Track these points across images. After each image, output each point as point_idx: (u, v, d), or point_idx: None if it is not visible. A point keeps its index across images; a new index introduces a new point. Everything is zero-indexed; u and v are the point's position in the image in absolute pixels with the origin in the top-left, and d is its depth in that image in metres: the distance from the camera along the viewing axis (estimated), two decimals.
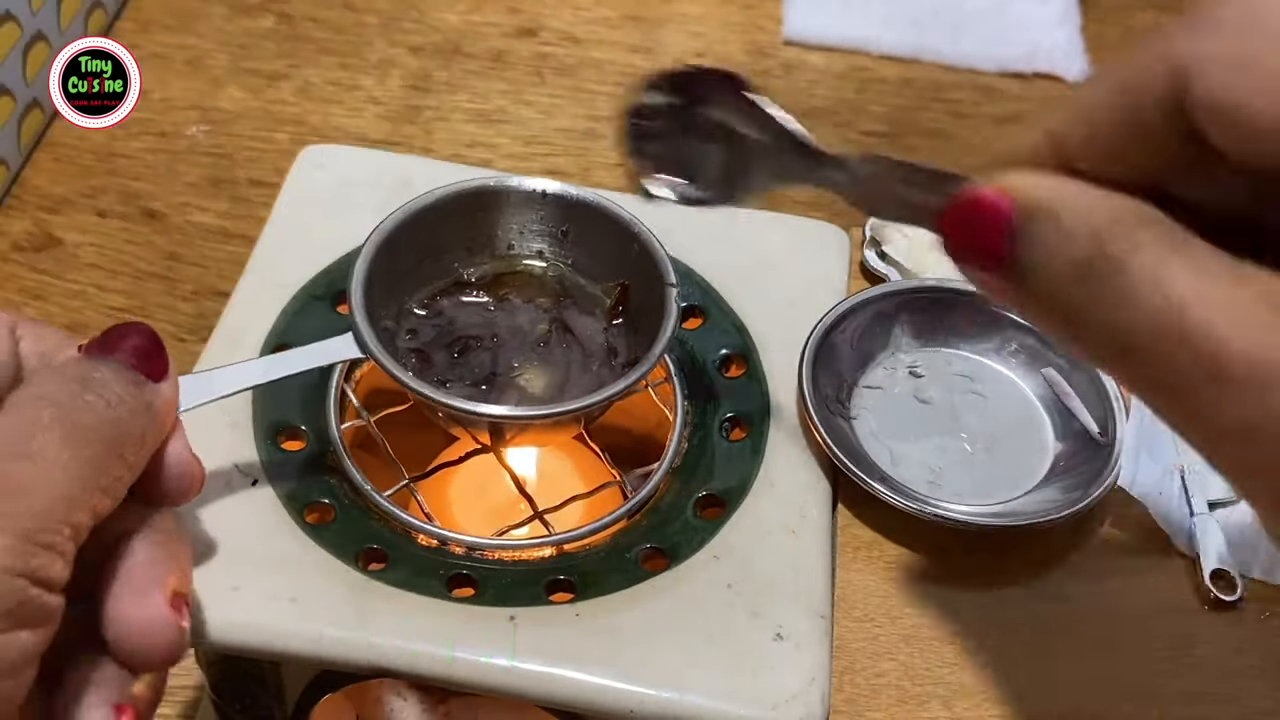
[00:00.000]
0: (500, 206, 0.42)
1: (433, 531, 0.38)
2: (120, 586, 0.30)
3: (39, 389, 0.29)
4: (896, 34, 0.81)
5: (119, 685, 0.30)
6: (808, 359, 0.42)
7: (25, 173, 0.69)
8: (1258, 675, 0.40)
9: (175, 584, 0.30)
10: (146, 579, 0.30)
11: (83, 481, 0.28)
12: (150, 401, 0.31)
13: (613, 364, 0.40)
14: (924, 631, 0.39)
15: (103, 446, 0.29)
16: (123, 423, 0.30)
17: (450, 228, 0.41)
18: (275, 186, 0.47)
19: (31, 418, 0.28)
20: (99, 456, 0.29)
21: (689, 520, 0.38)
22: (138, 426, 0.30)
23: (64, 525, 0.27)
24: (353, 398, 0.41)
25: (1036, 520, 0.40)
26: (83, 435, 0.28)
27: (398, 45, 0.78)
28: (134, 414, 0.30)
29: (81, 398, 0.29)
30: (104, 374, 0.30)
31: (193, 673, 0.52)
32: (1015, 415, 0.44)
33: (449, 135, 0.73)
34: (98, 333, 0.32)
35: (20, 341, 0.32)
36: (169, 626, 0.29)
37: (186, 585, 0.31)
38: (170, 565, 0.30)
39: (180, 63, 0.75)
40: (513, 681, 0.34)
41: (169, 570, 0.30)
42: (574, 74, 0.77)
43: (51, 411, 0.29)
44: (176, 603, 0.30)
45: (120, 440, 0.29)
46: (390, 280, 0.40)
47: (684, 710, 0.34)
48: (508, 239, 0.42)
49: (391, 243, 0.39)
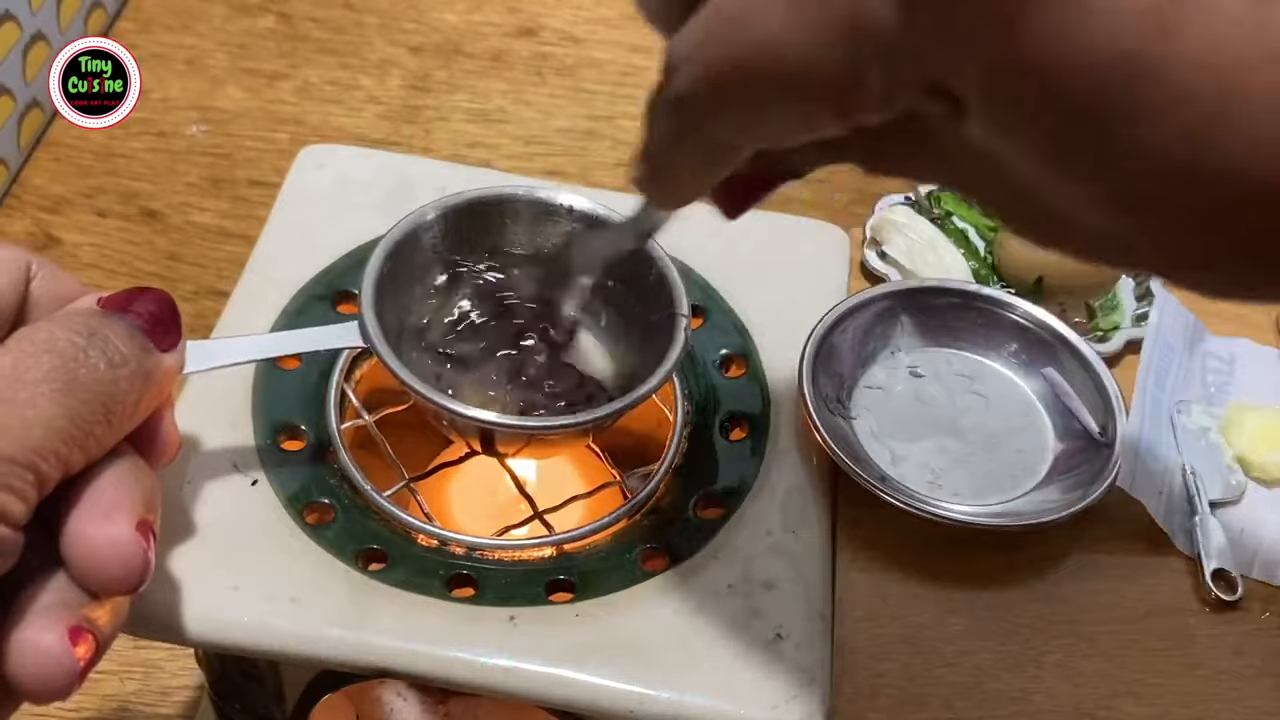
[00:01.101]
0: (525, 217, 0.41)
1: (433, 531, 0.38)
2: (85, 505, 0.29)
3: (46, 335, 0.29)
4: None
5: (76, 607, 0.28)
6: (808, 359, 0.42)
7: (25, 173, 0.69)
8: (1258, 675, 0.40)
9: (142, 511, 0.29)
10: (113, 500, 0.29)
11: (63, 436, 0.28)
12: (151, 371, 0.31)
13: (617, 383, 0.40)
14: (924, 631, 0.39)
15: (91, 405, 0.28)
16: (118, 385, 0.29)
17: (470, 232, 0.41)
18: (275, 186, 0.47)
19: (30, 364, 0.28)
20: (84, 413, 0.28)
21: (689, 520, 0.38)
22: (133, 392, 0.30)
23: (28, 471, 0.27)
24: (353, 398, 0.41)
25: (1036, 520, 0.40)
26: (75, 390, 0.28)
27: (397, 45, 0.78)
28: (131, 379, 0.30)
29: (84, 352, 0.29)
30: (115, 331, 0.30)
31: (193, 673, 0.52)
32: (1015, 415, 0.44)
33: (449, 135, 0.73)
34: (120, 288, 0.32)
35: (33, 280, 0.32)
36: (133, 547, 0.28)
37: (154, 516, 0.30)
38: (138, 494, 0.30)
39: (180, 62, 0.75)
40: (513, 681, 0.34)
41: (138, 497, 0.30)
42: (574, 74, 0.77)
43: (50, 360, 0.28)
44: (143, 528, 0.29)
45: (111, 402, 0.29)
46: (404, 279, 0.39)
47: (684, 710, 0.34)
48: (523, 249, 0.42)
49: (411, 240, 0.39)
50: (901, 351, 0.46)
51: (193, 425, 0.37)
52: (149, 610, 0.34)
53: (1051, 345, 0.44)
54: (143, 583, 0.29)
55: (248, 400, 0.40)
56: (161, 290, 0.32)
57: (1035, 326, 0.45)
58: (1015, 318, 0.45)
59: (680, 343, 0.38)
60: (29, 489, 0.27)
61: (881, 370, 0.45)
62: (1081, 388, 0.44)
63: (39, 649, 0.27)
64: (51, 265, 0.33)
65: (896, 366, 0.45)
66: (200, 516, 0.37)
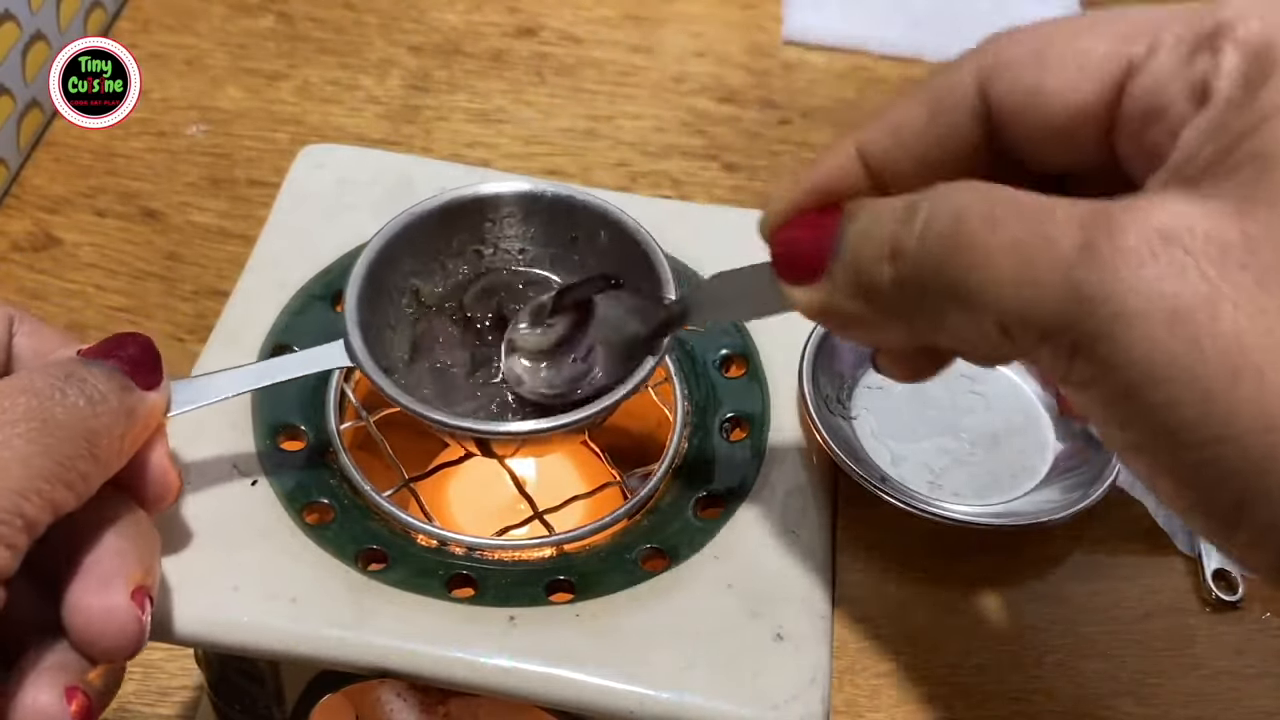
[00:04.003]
0: (497, 213, 0.42)
1: (432, 532, 0.38)
2: (84, 574, 0.30)
3: (24, 379, 0.29)
4: (896, 34, 0.81)
5: (75, 670, 0.30)
6: (808, 359, 0.42)
7: (25, 172, 0.69)
8: (1258, 675, 0.40)
9: (140, 577, 0.30)
10: (111, 569, 0.30)
11: (44, 475, 0.28)
12: (134, 407, 0.31)
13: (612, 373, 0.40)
14: (924, 631, 0.39)
15: (74, 442, 0.29)
16: (100, 420, 0.29)
17: (451, 234, 0.41)
18: (275, 186, 0.47)
19: (5, 405, 0.28)
20: (68, 451, 0.28)
21: (689, 520, 0.38)
22: (116, 427, 0.30)
23: (15, 517, 0.27)
24: (352, 398, 0.41)
25: (1036, 520, 0.40)
26: (54, 429, 0.28)
27: (397, 45, 0.78)
28: (114, 414, 0.30)
29: (62, 390, 0.29)
30: (93, 373, 0.30)
31: (193, 673, 0.52)
32: (1016, 416, 0.44)
33: (448, 135, 0.73)
34: (98, 333, 0.32)
35: (16, 335, 0.32)
36: (128, 617, 0.29)
37: (151, 580, 0.31)
38: (136, 558, 0.30)
39: (180, 62, 0.75)
40: (513, 681, 0.34)
41: (135, 563, 0.30)
42: (574, 74, 0.77)
43: (27, 400, 0.28)
44: (139, 596, 0.30)
45: (94, 438, 0.29)
46: (387, 289, 0.40)
47: (684, 710, 0.34)
48: (508, 246, 0.42)
49: (389, 251, 0.39)
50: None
51: (192, 426, 0.37)
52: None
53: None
54: (138, 650, 0.30)
55: (247, 400, 0.40)
56: (141, 334, 0.32)
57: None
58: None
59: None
60: (18, 535, 0.27)
61: None
62: None
63: (37, 708, 0.29)
64: (34, 319, 0.33)
65: None
66: (200, 517, 0.37)
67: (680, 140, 0.74)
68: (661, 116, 0.75)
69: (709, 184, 0.71)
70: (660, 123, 0.75)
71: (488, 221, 0.42)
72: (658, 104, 0.76)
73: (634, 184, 0.70)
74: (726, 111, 0.76)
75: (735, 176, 0.72)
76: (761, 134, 0.75)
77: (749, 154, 0.74)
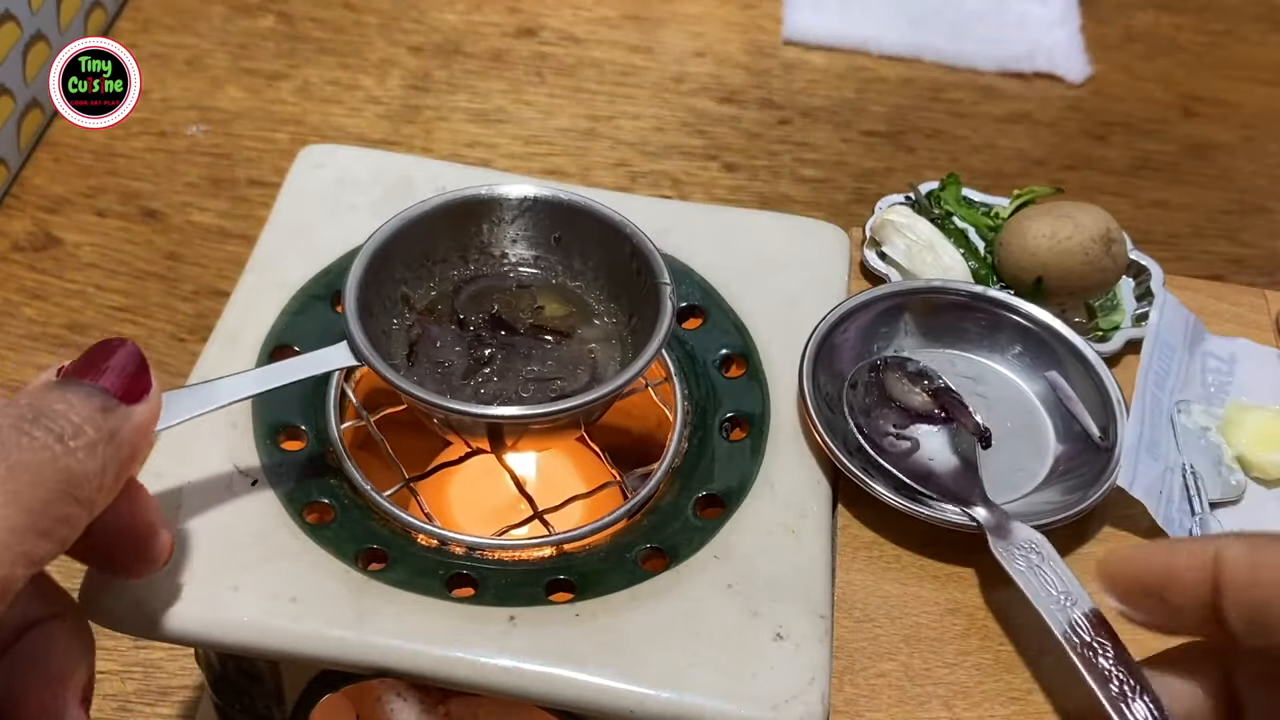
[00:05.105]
0: (490, 215, 0.42)
1: (433, 531, 0.38)
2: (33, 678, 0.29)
3: None
4: (896, 34, 0.81)
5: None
6: (808, 359, 0.42)
7: (25, 172, 0.69)
8: None
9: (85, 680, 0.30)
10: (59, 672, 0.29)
11: (16, 530, 0.25)
12: (116, 429, 0.28)
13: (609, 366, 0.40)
14: (924, 631, 0.39)
15: (47, 486, 0.26)
16: (74, 458, 0.27)
17: (442, 237, 0.41)
18: (275, 186, 0.47)
19: None
20: (42, 498, 0.26)
21: (689, 520, 0.38)
22: (94, 463, 0.28)
23: None
24: (353, 398, 0.41)
25: (1037, 522, 0.39)
26: (23, 477, 0.26)
27: (397, 45, 0.78)
28: (90, 447, 0.28)
29: (28, 435, 0.27)
30: (67, 401, 0.28)
31: (193, 673, 0.52)
32: (1017, 417, 0.44)
33: (449, 135, 0.73)
34: (98, 333, 0.31)
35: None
36: None
37: (92, 682, 0.31)
38: (80, 661, 0.30)
39: (180, 62, 0.75)
40: (513, 681, 0.34)
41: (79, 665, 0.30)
42: (574, 74, 0.77)
43: None
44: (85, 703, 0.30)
45: (71, 477, 0.27)
46: (385, 289, 0.40)
47: (684, 710, 0.34)
48: (500, 247, 0.42)
49: (385, 252, 0.39)
50: (904, 352, 0.46)
51: (192, 426, 0.37)
52: (149, 610, 0.34)
53: (1054, 347, 0.44)
54: None
55: (248, 401, 0.40)
56: (124, 340, 0.30)
57: (1038, 328, 0.44)
58: (1018, 319, 0.45)
59: (669, 310, 0.38)
60: None
61: None
62: (1083, 390, 0.44)
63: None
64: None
65: None
66: (200, 517, 0.37)
67: (680, 140, 0.74)
68: (661, 116, 0.75)
69: (709, 184, 0.71)
70: (660, 123, 0.75)
71: (479, 224, 0.42)
72: (658, 104, 0.76)
73: (634, 184, 0.70)
74: (726, 111, 0.76)
75: (735, 176, 0.72)
76: (761, 134, 0.75)
77: (749, 154, 0.74)
